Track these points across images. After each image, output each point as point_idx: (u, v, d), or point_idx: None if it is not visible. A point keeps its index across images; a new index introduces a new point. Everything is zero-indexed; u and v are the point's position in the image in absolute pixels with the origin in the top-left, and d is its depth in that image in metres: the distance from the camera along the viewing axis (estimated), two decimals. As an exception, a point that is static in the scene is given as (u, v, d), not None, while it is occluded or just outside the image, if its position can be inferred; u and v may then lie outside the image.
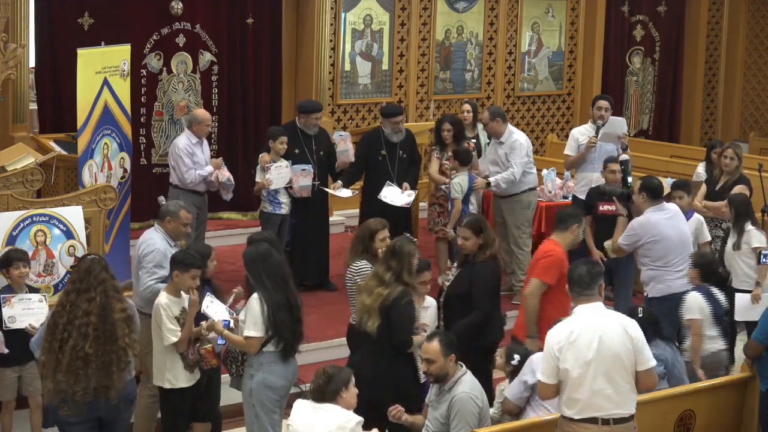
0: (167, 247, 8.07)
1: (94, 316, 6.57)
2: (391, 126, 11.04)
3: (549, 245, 8.27)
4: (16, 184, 8.83)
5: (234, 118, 12.82)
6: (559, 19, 15.32)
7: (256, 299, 7.18)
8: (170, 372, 7.37)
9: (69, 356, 6.54)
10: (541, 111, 15.37)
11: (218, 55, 12.68)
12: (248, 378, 7.29)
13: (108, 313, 6.62)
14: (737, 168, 10.76)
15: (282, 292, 7.22)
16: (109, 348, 6.60)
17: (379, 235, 8.02)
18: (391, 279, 7.42)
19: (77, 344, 6.53)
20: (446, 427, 6.68)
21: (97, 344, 6.56)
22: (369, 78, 13.83)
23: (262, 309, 7.14)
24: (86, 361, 6.54)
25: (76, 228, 8.55)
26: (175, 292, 7.43)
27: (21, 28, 10.76)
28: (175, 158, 10.37)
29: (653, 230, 8.96)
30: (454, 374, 6.77)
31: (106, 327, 6.60)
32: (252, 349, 7.19)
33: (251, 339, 7.16)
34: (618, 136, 11.08)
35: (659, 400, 7.23)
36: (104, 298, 6.63)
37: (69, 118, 10.52)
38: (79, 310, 6.57)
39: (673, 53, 16.49)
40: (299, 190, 10.56)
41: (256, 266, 7.27)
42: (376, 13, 13.76)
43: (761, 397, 7.48)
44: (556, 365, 6.19)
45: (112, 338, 6.62)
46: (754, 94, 16.99)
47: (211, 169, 10.44)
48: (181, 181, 10.35)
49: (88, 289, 6.62)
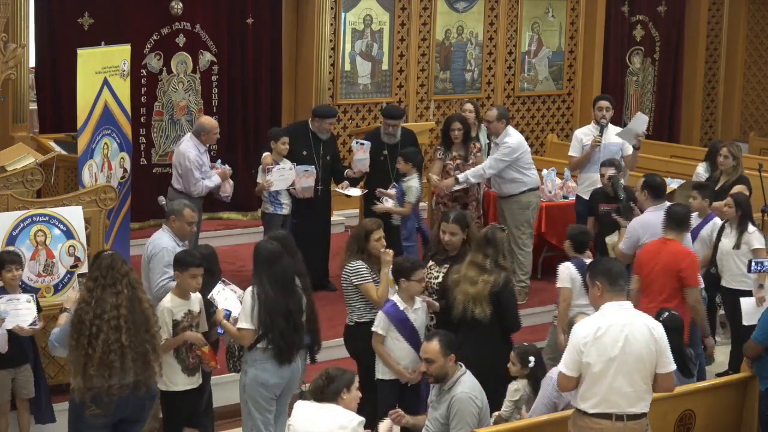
0: (175, 246, 8.04)
1: (123, 308, 6.53)
2: (384, 127, 11.07)
3: (680, 247, 8.42)
4: (16, 184, 8.83)
5: (234, 118, 12.82)
6: (559, 19, 15.32)
7: (250, 293, 7.22)
8: (166, 374, 7.28)
9: (102, 350, 6.47)
10: (541, 111, 15.37)
11: (218, 55, 12.68)
12: (243, 373, 7.34)
13: (136, 304, 6.61)
14: (735, 168, 10.74)
15: (281, 297, 7.22)
16: (143, 338, 6.58)
17: (374, 235, 8.00)
18: (492, 266, 7.67)
19: (109, 337, 6.47)
20: (446, 428, 6.69)
21: (130, 335, 6.52)
22: (369, 78, 13.83)
23: (254, 304, 7.16)
24: (122, 352, 6.50)
25: (76, 228, 8.55)
26: (180, 294, 7.37)
27: (21, 28, 10.77)
28: (184, 168, 10.28)
29: (653, 229, 8.91)
30: (453, 374, 6.78)
31: (136, 318, 6.58)
32: (245, 341, 7.23)
33: (243, 331, 7.20)
34: (637, 134, 11.11)
35: (659, 400, 7.21)
36: (131, 290, 6.62)
37: (69, 118, 10.52)
38: (107, 304, 6.52)
39: (673, 53, 16.49)
40: (302, 191, 10.55)
41: (260, 265, 7.29)
42: (376, 13, 13.77)
43: (761, 397, 7.48)
44: (579, 359, 6.21)
45: (144, 327, 6.61)
46: (754, 94, 16.99)
47: (218, 180, 10.42)
48: (188, 192, 10.27)
49: (113, 284, 6.58)
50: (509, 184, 10.81)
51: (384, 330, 7.60)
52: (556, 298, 8.72)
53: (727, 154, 10.74)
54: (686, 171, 12.52)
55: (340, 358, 8.57)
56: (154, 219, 12.09)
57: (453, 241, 8.07)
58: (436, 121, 13.71)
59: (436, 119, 13.85)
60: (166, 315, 7.25)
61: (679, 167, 13.25)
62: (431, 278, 8.07)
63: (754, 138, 16.55)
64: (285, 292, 7.27)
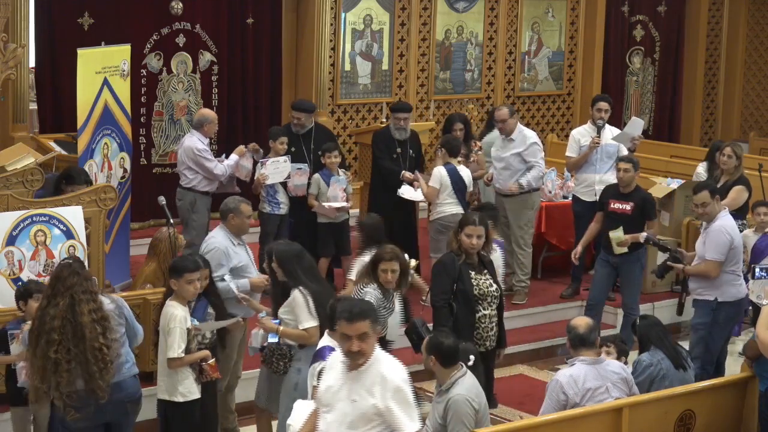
0: (229, 244, 7.98)
1: (57, 320, 6.52)
2: (394, 122, 11.05)
3: None
4: (16, 184, 8.82)
5: (234, 118, 12.83)
6: (559, 19, 15.32)
7: (299, 293, 7.16)
8: (182, 384, 7.06)
9: (41, 361, 6.53)
10: (541, 111, 15.37)
11: (218, 55, 12.69)
12: (295, 372, 7.18)
13: (76, 316, 6.54)
14: (737, 168, 10.69)
15: (321, 287, 7.25)
16: (80, 349, 6.53)
17: (382, 265, 7.63)
18: None
19: (45, 351, 6.51)
20: (444, 428, 6.68)
21: (64, 348, 6.51)
22: (369, 78, 13.83)
23: (306, 300, 7.12)
24: (56, 365, 6.50)
25: (76, 228, 8.55)
26: (182, 302, 7.12)
27: (21, 28, 10.78)
28: (196, 160, 10.27)
29: (736, 233, 8.77)
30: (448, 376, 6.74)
31: (75, 329, 6.52)
32: (314, 339, 7.04)
33: (311, 329, 7.10)
34: (633, 137, 11.09)
35: (659, 400, 7.23)
36: (70, 301, 6.56)
37: (69, 118, 10.52)
38: (47, 316, 6.55)
39: (673, 53, 16.50)
40: (294, 189, 10.52)
41: (291, 264, 7.24)
42: (376, 13, 13.77)
43: (761, 397, 7.48)
44: None
45: (81, 340, 6.53)
46: (754, 94, 16.99)
47: (237, 157, 10.44)
48: (212, 178, 10.29)
49: (55, 295, 6.57)
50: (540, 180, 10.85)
51: None
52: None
53: (731, 153, 10.66)
54: (686, 171, 12.51)
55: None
56: (154, 219, 12.10)
57: (479, 244, 7.87)
58: (436, 121, 13.71)
59: (436, 119, 13.85)
60: (182, 323, 7.01)
61: (679, 167, 13.24)
62: (487, 287, 7.85)
63: (754, 138, 16.56)
64: (321, 282, 7.31)
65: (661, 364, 7.56)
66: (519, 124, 10.93)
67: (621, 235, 9.72)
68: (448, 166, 10.38)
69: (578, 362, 6.96)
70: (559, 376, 6.96)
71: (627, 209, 9.90)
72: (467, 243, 7.84)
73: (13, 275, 8.28)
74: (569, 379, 6.89)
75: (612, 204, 9.99)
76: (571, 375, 6.90)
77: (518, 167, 10.75)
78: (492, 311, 7.92)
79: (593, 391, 6.89)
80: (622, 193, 9.95)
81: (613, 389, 6.98)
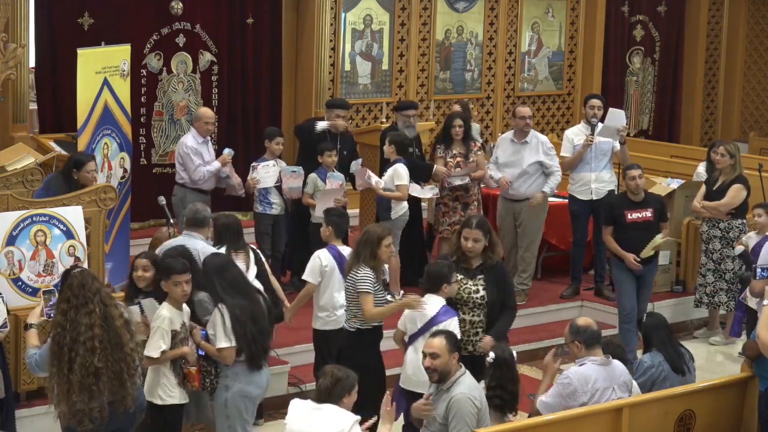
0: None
1: (97, 327, 6.39)
2: (403, 120, 11.04)
3: None
4: (16, 184, 8.84)
5: (234, 118, 12.83)
6: (559, 19, 15.32)
7: (217, 311, 7.11)
8: (162, 387, 7.08)
9: (80, 374, 6.35)
10: (541, 111, 15.37)
11: (218, 55, 12.69)
12: (223, 389, 7.16)
13: (110, 321, 6.46)
14: (732, 167, 10.59)
15: (242, 301, 7.14)
16: (117, 356, 6.45)
17: (385, 241, 7.80)
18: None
19: (86, 360, 6.35)
20: (444, 428, 6.67)
21: (105, 356, 6.40)
22: (369, 78, 13.83)
23: (223, 319, 7.06)
24: (97, 375, 6.37)
25: (76, 228, 8.54)
26: (174, 304, 7.12)
27: (21, 28, 10.78)
28: (183, 156, 10.38)
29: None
30: (454, 374, 6.76)
31: (111, 336, 6.44)
32: (228, 360, 7.08)
33: (224, 350, 7.07)
34: (618, 129, 11.05)
35: (659, 400, 7.23)
36: (103, 307, 6.46)
37: (69, 118, 10.53)
38: (81, 326, 6.38)
39: (673, 53, 16.49)
40: (288, 192, 10.51)
41: (211, 277, 7.17)
42: (376, 13, 13.77)
43: (761, 397, 7.47)
44: None
45: (118, 346, 6.46)
46: (754, 94, 16.99)
47: (219, 165, 10.46)
48: (190, 179, 10.34)
49: (85, 303, 6.42)
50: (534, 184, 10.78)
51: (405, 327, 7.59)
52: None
53: (723, 152, 10.57)
54: (686, 171, 12.51)
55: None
56: (153, 219, 12.10)
57: (476, 248, 7.77)
58: (436, 121, 13.71)
59: (436, 119, 13.85)
60: (166, 324, 7.02)
61: (679, 167, 13.23)
62: (471, 293, 7.74)
63: (754, 138, 16.55)
64: (244, 296, 7.18)
65: (662, 366, 7.58)
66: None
67: (659, 239, 9.81)
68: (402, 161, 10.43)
69: (589, 362, 6.94)
70: (570, 373, 6.93)
71: (648, 216, 9.85)
72: (463, 245, 7.83)
73: (13, 275, 8.27)
74: (580, 377, 6.88)
75: (629, 215, 9.88)
76: (583, 374, 6.90)
77: (534, 172, 10.76)
78: (475, 317, 7.71)
79: (602, 391, 6.90)
80: (634, 201, 9.89)
81: (618, 390, 6.99)
